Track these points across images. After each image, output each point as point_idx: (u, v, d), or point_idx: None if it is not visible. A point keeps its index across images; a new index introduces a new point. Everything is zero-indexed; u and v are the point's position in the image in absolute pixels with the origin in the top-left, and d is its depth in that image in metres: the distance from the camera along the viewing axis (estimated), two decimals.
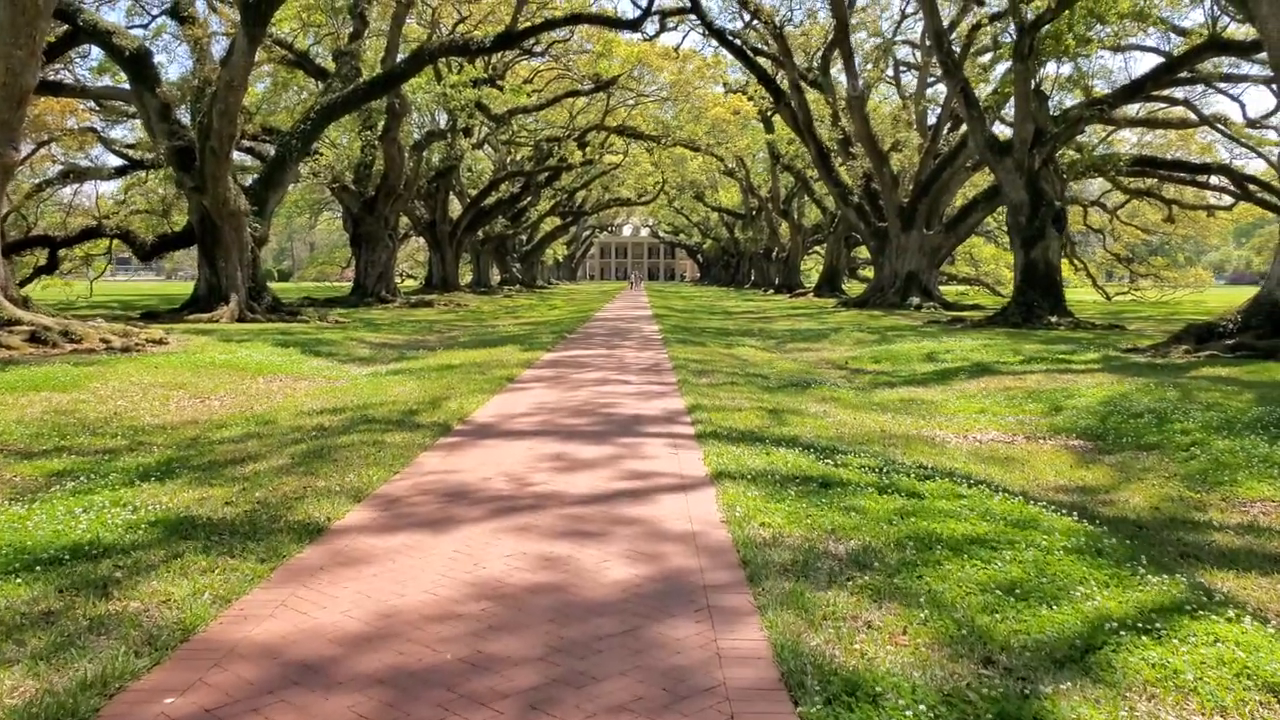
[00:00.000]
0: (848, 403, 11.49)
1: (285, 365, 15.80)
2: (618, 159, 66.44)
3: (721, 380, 13.08)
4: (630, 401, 10.74)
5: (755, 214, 75.96)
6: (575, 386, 12.19)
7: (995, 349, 17.93)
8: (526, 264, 77.95)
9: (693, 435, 8.47)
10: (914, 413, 11.07)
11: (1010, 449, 8.99)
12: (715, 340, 21.88)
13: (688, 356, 16.74)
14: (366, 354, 18.74)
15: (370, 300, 40.43)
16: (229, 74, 26.46)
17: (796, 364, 16.88)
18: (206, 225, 28.69)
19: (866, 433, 9.19)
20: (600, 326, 26.52)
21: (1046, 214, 27.97)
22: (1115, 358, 16.26)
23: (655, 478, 6.77)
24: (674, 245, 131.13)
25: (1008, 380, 13.67)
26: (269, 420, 9.72)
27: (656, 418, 9.55)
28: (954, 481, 6.79)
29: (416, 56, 33.12)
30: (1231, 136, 36.86)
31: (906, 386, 13.63)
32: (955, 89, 29.08)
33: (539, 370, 14.28)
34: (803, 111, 39.22)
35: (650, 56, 48.73)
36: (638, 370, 14.45)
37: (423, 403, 10.49)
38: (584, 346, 19.15)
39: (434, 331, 25.76)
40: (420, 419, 9.31)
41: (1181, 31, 32.69)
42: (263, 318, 27.95)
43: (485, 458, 7.48)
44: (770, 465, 6.98)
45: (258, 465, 7.23)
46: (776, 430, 8.75)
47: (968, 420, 10.60)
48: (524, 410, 10.04)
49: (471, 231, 58.21)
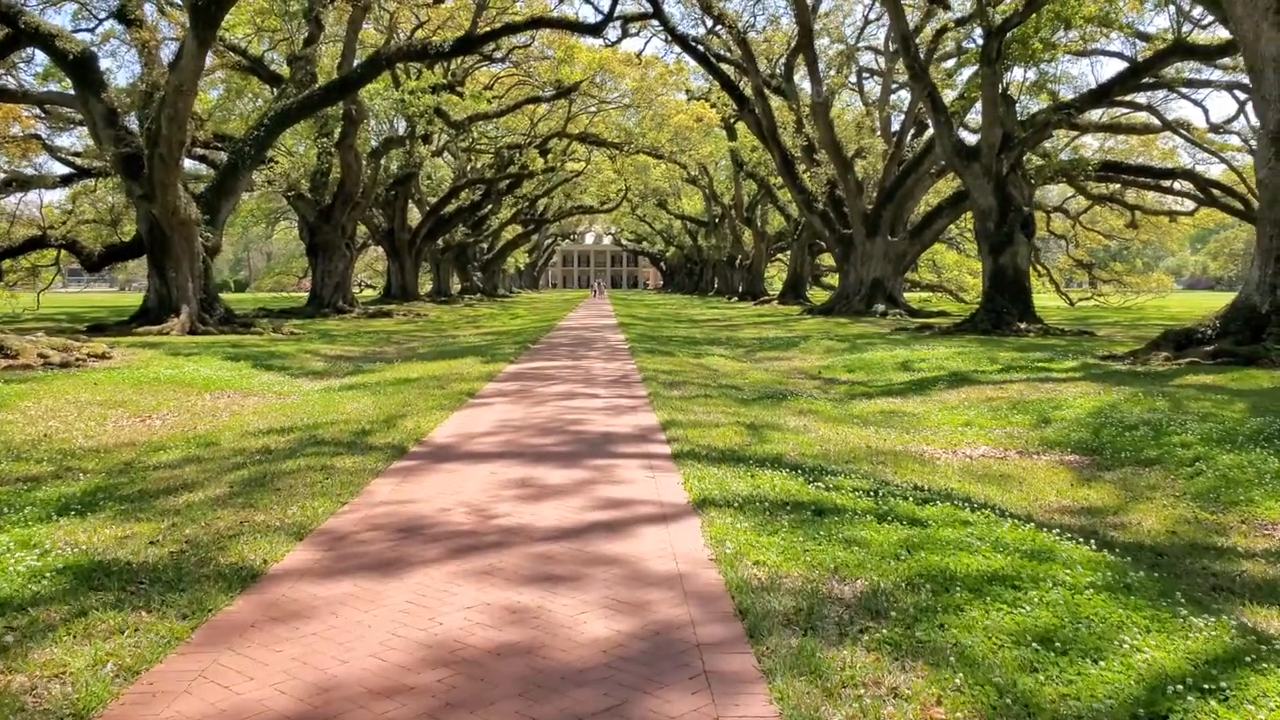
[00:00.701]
0: (827, 416, 10.96)
1: (234, 380, 15.00)
2: (580, 166, 65.82)
3: (694, 393, 12.50)
4: (600, 417, 10.12)
5: (719, 221, 75.73)
6: (540, 401, 11.54)
7: (970, 357, 17.55)
8: (488, 273, 77.04)
9: (669, 455, 7.87)
10: (897, 426, 10.55)
11: (1004, 465, 8.49)
12: (683, 349, 21.33)
13: (657, 367, 16.16)
14: (320, 367, 17.94)
15: (327, 311, 39.44)
16: (178, 78, 25.54)
17: (769, 374, 16.35)
18: (156, 235, 27.68)
19: (852, 449, 8.64)
20: (564, 336, 25.87)
21: (1015, 219, 27.78)
22: (1095, 365, 15.92)
23: (632, 506, 6.15)
24: (637, 253, 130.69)
25: (989, 390, 13.23)
26: (211, 442, 8.98)
27: (629, 435, 8.94)
28: (955, 505, 6.25)
29: (373, 61, 32.31)
30: (1194, 142, 37.09)
31: (885, 397, 13.14)
32: (922, 93, 28.83)
33: (501, 384, 13.61)
34: (766, 118, 38.88)
35: (612, 63, 48.22)
36: (606, 383, 13.84)
37: (377, 421, 9.80)
38: (548, 358, 18.50)
39: (392, 343, 24.96)
40: (373, 440, 8.62)
41: (1145, 37, 32.78)
42: (215, 330, 27.01)
43: (443, 485, 6.82)
44: (756, 490, 6.40)
45: (193, 495, 6.51)
46: (758, 448, 8.17)
47: (954, 434, 10.10)
48: (486, 429, 9.38)
49: (431, 240, 57.27)
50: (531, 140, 55.44)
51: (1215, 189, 34.45)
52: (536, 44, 47.15)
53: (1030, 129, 28.78)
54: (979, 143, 28.34)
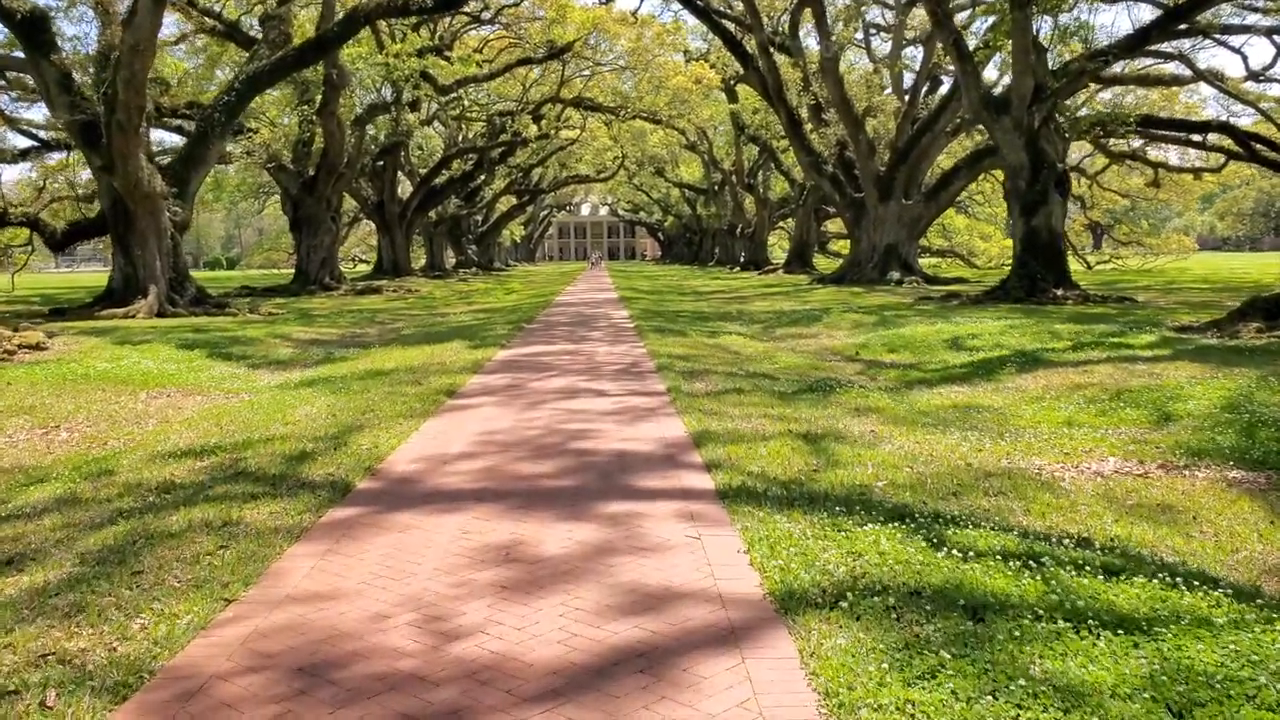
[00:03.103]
0: (891, 414, 8.81)
1: (180, 375, 12.85)
2: (574, 134, 63.17)
3: (721, 386, 10.33)
4: (610, 426, 7.95)
5: (719, 189, 73.15)
6: (535, 402, 9.36)
7: (1025, 331, 15.36)
8: (482, 245, 74.62)
9: (713, 492, 5.70)
10: (981, 427, 8.40)
11: (1154, 489, 6.35)
12: (695, 327, 19.13)
13: (670, 351, 13.97)
14: (287, 355, 15.76)
15: (313, 288, 37.20)
16: (133, 37, 23.15)
17: (799, 357, 14.17)
18: (119, 210, 25.43)
19: (950, 470, 6.49)
20: (563, 313, 23.65)
21: (1048, 177, 25.50)
22: (1177, 340, 13.75)
23: (677, 605, 3.97)
24: (634, 223, 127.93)
25: (1071, 374, 11.07)
26: (107, 470, 6.84)
27: (652, 456, 6.76)
28: (1152, 577, 4.14)
29: (351, 18, 29.77)
30: (1228, 92, 34.63)
31: (947, 385, 10.97)
32: (947, 40, 26.41)
33: (489, 376, 11.42)
34: (772, 76, 36.40)
35: (606, 23, 45.54)
36: (613, 373, 11.66)
37: (326, 436, 7.64)
38: (545, 340, 16.30)
39: (376, 323, 22.77)
40: (312, 469, 6.46)
41: None
42: (185, 311, 24.86)
43: (389, 559, 4.64)
44: (861, 564, 4.25)
45: (20, 580, 4.37)
46: (831, 477, 6.01)
47: (1058, 437, 7.97)
48: (463, 447, 7.20)
49: (422, 212, 54.85)
50: (524, 107, 52.89)
51: (1257, 142, 32.08)
52: (527, 3, 44.56)
53: (1064, 79, 26.41)
54: (1009, 94, 25.98)
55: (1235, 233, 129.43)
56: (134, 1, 24.34)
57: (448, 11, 38.09)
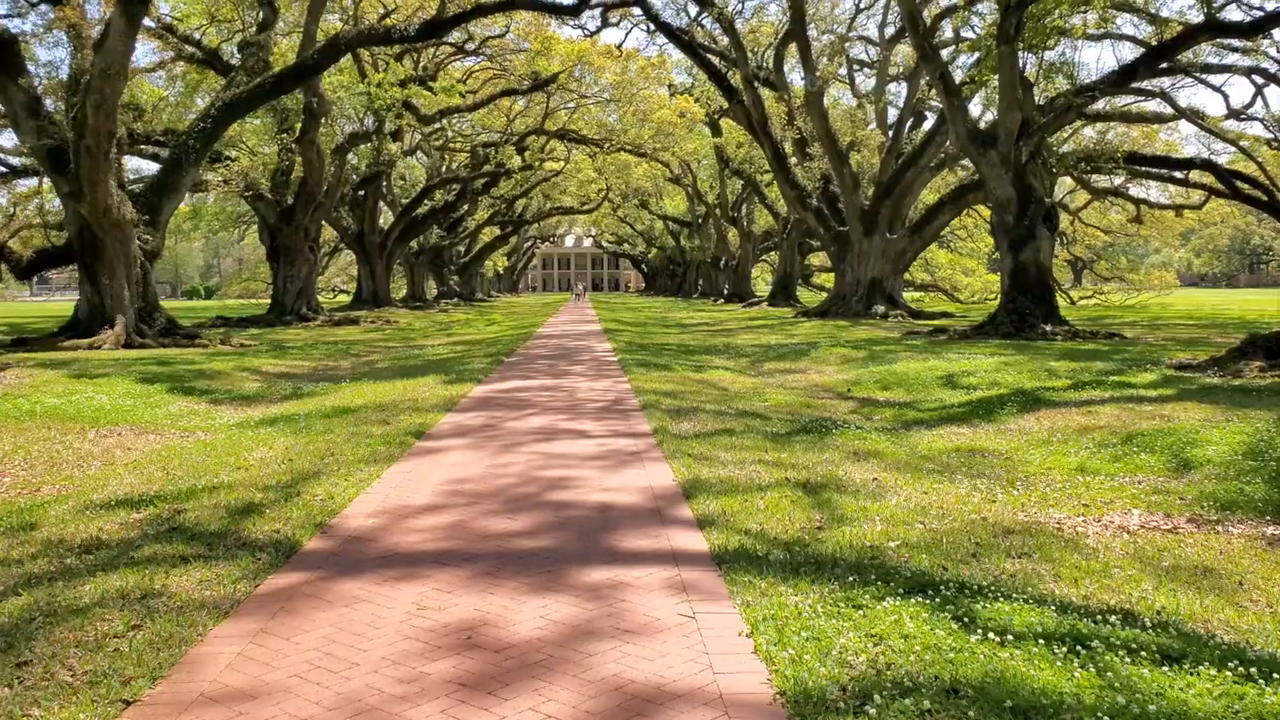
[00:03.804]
0: (893, 459, 8.21)
1: (135, 411, 12.13)
2: (558, 165, 62.91)
3: (710, 425, 9.72)
4: (592, 473, 7.30)
5: (702, 221, 73.02)
6: (510, 444, 8.70)
7: (1020, 368, 14.87)
8: (465, 276, 74.00)
9: (707, 554, 5.06)
10: (988, 474, 7.82)
11: (1186, 547, 5.77)
12: (680, 361, 18.54)
13: (655, 387, 13.36)
14: (254, 389, 15.04)
15: (289, 319, 36.41)
16: (104, 61, 22.60)
17: (789, 394, 13.58)
18: (87, 237, 24.71)
19: (966, 526, 5.89)
20: (544, 346, 23.02)
21: (1036, 212, 25.20)
22: (1178, 379, 13.26)
23: (667, 710, 3.32)
24: (618, 255, 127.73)
25: (1075, 415, 10.53)
26: (29, 523, 6.14)
27: (638, 510, 6.12)
28: (1233, 674, 3.53)
29: (331, 46, 29.36)
30: (1210, 130, 34.64)
31: (947, 426, 10.40)
32: (934, 75, 26.18)
33: (463, 415, 10.76)
34: (757, 109, 36.17)
35: (591, 55, 45.38)
36: (595, 411, 11.03)
37: (279, 484, 6.96)
38: (524, 374, 15.66)
39: (351, 355, 22.05)
40: (257, 524, 5.79)
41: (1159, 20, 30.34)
42: (154, 342, 24.11)
43: (328, 646, 3.95)
44: (884, 653, 3.63)
45: None
46: (838, 536, 5.40)
47: (1072, 486, 7.39)
48: (429, 498, 6.53)
49: (404, 242, 54.23)
50: (508, 138, 52.58)
51: (1239, 180, 32.01)
52: (512, 35, 44.40)
53: (1050, 114, 26.22)
54: (996, 129, 25.73)
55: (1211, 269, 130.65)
56: (106, 25, 23.84)
57: (430, 41, 37.72)
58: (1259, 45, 31.53)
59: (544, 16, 41.30)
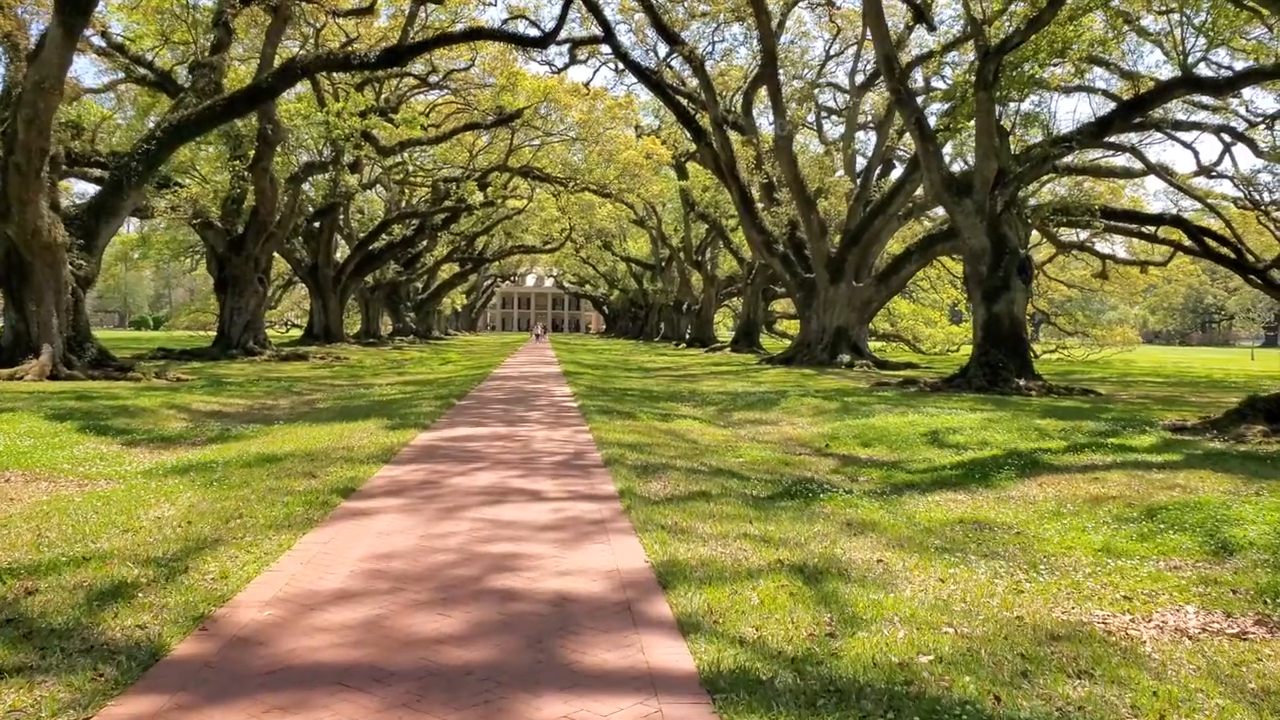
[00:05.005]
0: (893, 534, 7.14)
1: (34, 453, 10.76)
2: (521, 204, 62.02)
3: (682, 487, 8.60)
4: (547, 549, 6.13)
5: (666, 264, 72.40)
6: (452, 507, 7.50)
7: (1007, 427, 13.95)
8: (421, 313, 72.50)
9: (694, 677, 3.91)
10: (1003, 553, 6.78)
11: (1265, 659, 4.74)
12: (644, 408, 17.43)
13: (619, 438, 12.23)
14: (177, 430, 13.68)
15: (235, 352, 34.84)
16: (38, 72, 21.33)
17: (763, 448, 12.51)
18: (14, 260, 23.21)
19: (1002, 630, 4.82)
20: (499, 388, 21.81)
21: (1010, 263, 24.59)
22: (1178, 442, 12.40)
23: None
24: (579, 296, 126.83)
25: (1080, 482, 9.57)
26: None
27: (603, 605, 4.94)
28: None
29: (287, 70, 28.25)
30: (1179, 186, 34.61)
31: (941, 492, 9.37)
32: (909, 119, 25.65)
33: (402, 468, 9.53)
34: (725, 152, 35.51)
35: (558, 93, 44.70)
36: (552, 466, 9.85)
37: (167, 555, 5.72)
38: (476, 421, 14.43)
39: (292, 393, 20.69)
40: (121, 615, 4.55)
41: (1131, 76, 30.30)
42: (82, 374, 22.58)
43: None
44: None
45: None
46: (855, 648, 4.29)
47: (1103, 571, 6.37)
48: (343, 580, 5.31)
49: (359, 277, 52.80)
50: (470, 173, 51.60)
51: (1209, 237, 31.87)
52: (477, 69, 43.63)
53: (1026, 163, 25.77)
54: (971, 177, 25.22)
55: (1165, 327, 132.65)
56: (42, 36, 22.58)
57: (391, 69, 36.75)
58: (1228, 104, 31.67)
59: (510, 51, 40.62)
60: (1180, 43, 25.48)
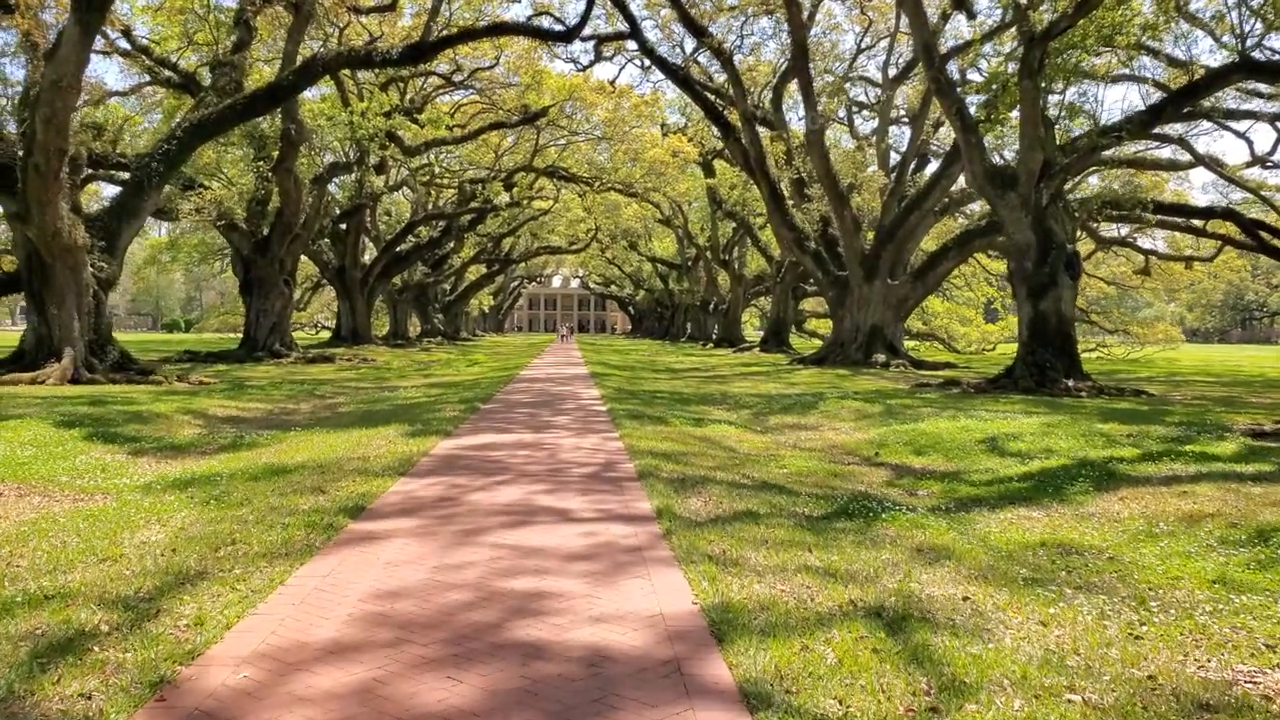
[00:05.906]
0: (970, 562, 6.24)
1: (33, 463, 10.10)
2: (547, 204, 61.43)
3: (726, 505, 7.74)
4: (576, 585, 5.29)
5: (692, 264, 71.48)
6: (471, 530, 6.68)
7: (1068, 432, 12.95)
8: (449, 314, 72.06)
9: None
10: (1101, 586, 5.87)
11: None
12: (676, 412, 16.58)
13: (651, 446, 11.39)
14: (189, 437, 13.00)
15: (261, 355, 34.40)
16: (55, 72, 20.83)
17: (808, 457, 11.62)
18: (34, 263, 22.80)
19: (1137, 694, 3.92)
20: (525, 391, 21.03)
21: (1057, 258, 23.51)
22: (1263, 449, 11.37)
23: None
24: (605, 297, 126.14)
25: (1166, 496, 8.62)
26: None
27: (646, 665, 4.07)
28: None
29: (308, 67, 27.69)
30: (1229, 178, 33.29)
31: (1013, 508, 8.45)
32: (950, 108, 24.60)
33: (419, 481, 8.74)
34: (754, 148, 34.59)
35: (583, 91, 43.94)
36: (581, 479, 9.03)
37: (141, 592, 4.95)
38: (500, 427, 13.64)
39: (315, 396, 20.06)
40: (66, 678, 3.77)
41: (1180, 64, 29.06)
42: (104, 377, 22.15)
43: None
44: None
45: None
46: None
47: (1226, 610, 5.45)
48: (339, 629, 4.49)
49: (386, 279, 52.33)
50: (496, 174, 51.02)
51: (1265, 230, 30.52)
52: (501, 68, 42.93)
53: (1073, 154, 24.65)
54: (1015, 168, 24.15)
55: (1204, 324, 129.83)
56: (59, 34, 22.08)
57: (414, 66, 36.11)
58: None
59: (535, 49, 39.94)
60: (1238, 26, 24.27)
